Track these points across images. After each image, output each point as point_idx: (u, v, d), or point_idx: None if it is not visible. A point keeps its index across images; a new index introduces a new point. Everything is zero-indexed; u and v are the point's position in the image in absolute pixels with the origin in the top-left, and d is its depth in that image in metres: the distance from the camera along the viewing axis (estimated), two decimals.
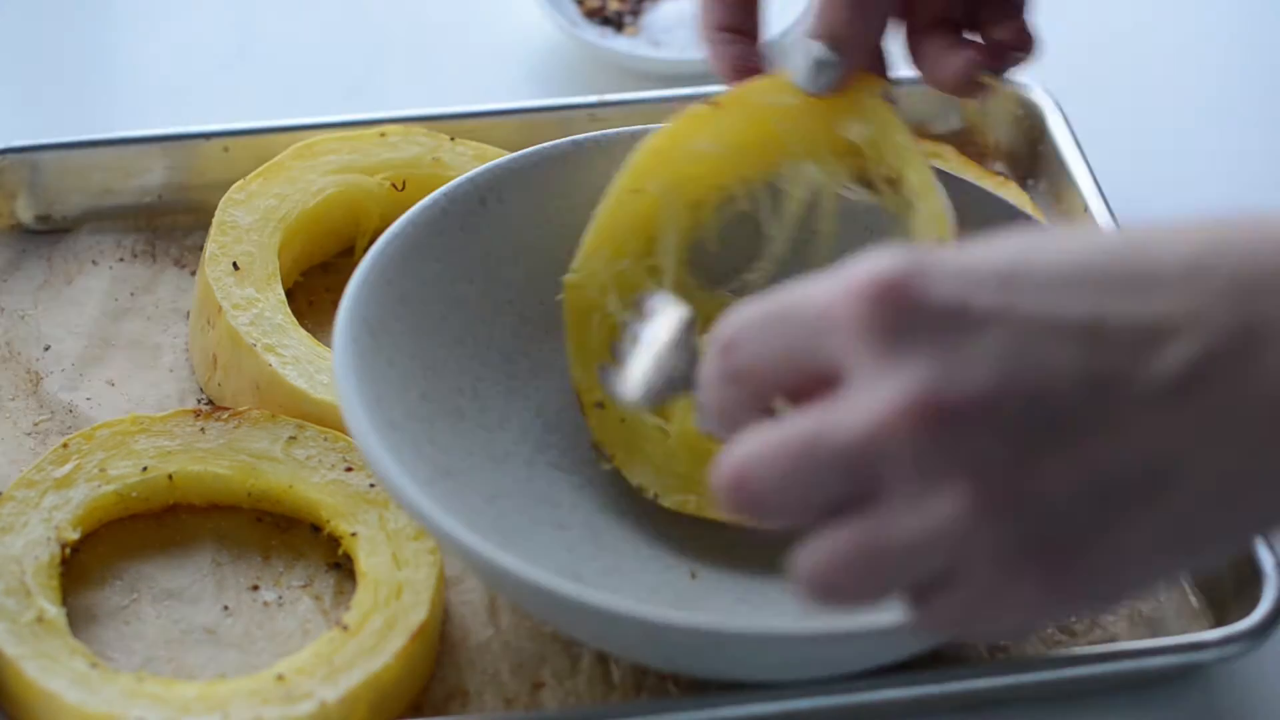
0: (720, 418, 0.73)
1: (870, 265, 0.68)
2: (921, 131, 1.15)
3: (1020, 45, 0.94)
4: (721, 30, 0.97)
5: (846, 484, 0.68)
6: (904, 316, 0.67)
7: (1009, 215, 0.96)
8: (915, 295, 0.67)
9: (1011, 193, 1.10)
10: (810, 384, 0.70)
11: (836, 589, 0.70)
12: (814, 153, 0.94)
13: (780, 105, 0.94)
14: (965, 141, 1.16)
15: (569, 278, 0.94)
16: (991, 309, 0.67)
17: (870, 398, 0.67)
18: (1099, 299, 0.67)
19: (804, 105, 0.93)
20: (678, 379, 0.82)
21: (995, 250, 0.69)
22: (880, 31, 0.93)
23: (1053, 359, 0.66)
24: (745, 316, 0.72)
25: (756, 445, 0.70)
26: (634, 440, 0.93)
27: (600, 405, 0.92)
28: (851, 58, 0.92)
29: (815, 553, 0.70)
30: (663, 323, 0.83)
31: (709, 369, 0.73)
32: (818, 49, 0.92)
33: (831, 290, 0.69)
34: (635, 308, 0.87)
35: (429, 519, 0.83)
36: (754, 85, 0.94)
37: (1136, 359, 0.66)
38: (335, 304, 0.94)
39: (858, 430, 0.67)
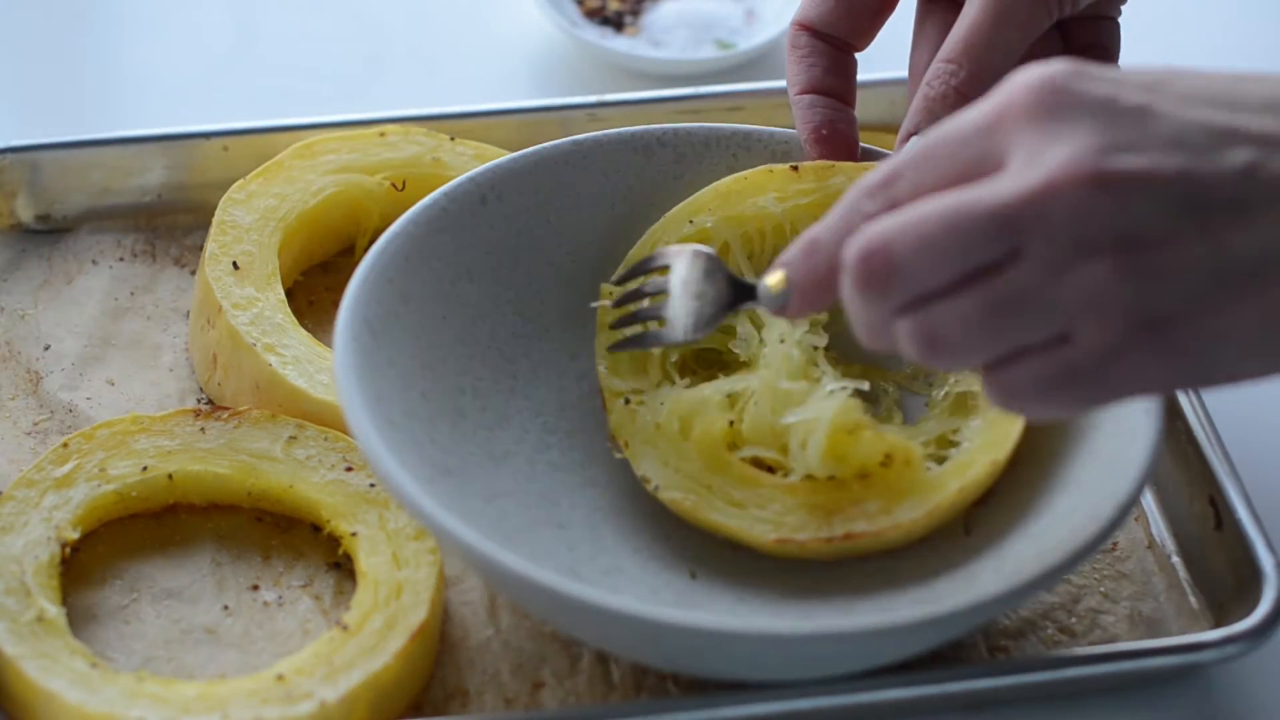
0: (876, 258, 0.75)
1: (1029, 70, 0.73)
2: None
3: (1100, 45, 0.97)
4: (810, 93, 0.97)
5: (991, 248, 0.72)
6: (1066, 100, 0.73)
7: None
8: (1076, 85, 0.73)
9: None
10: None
11: (945, 345, 0.73)
12: None
13: None
14: None
15: (607, 284, 0.95)
16: (1141, 104, 0.73)
17: (1031, 166, 0.72)
18: (1233, 114, 0.73)
19: None
20: (721, 303, 0.88)
21: (1137, 70, 0.75)
22: None
23: (1202, 146, 0.72)
24: (898, 156, 0.76)
25: (896, 217, 0.74)
26: (649, 435, 0.93)
27: (627, 401, 0.93)
28: None
29: (937, 308, 0.73)
30: (686, 264, 0.89)
31: (850, 208, 0.77)
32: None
33: (993, 99, 0.74)
34: (649, 271, 0.92)
35: (430, 518, 0.83)
36: (843, 166, 0.95)
37: (1269, 160, 0.72)
38: (335, 304, 0.94)
39: (1015, 192, 0.72)
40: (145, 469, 0.94)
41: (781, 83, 1.09)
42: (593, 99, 1.13)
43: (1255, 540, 0.92)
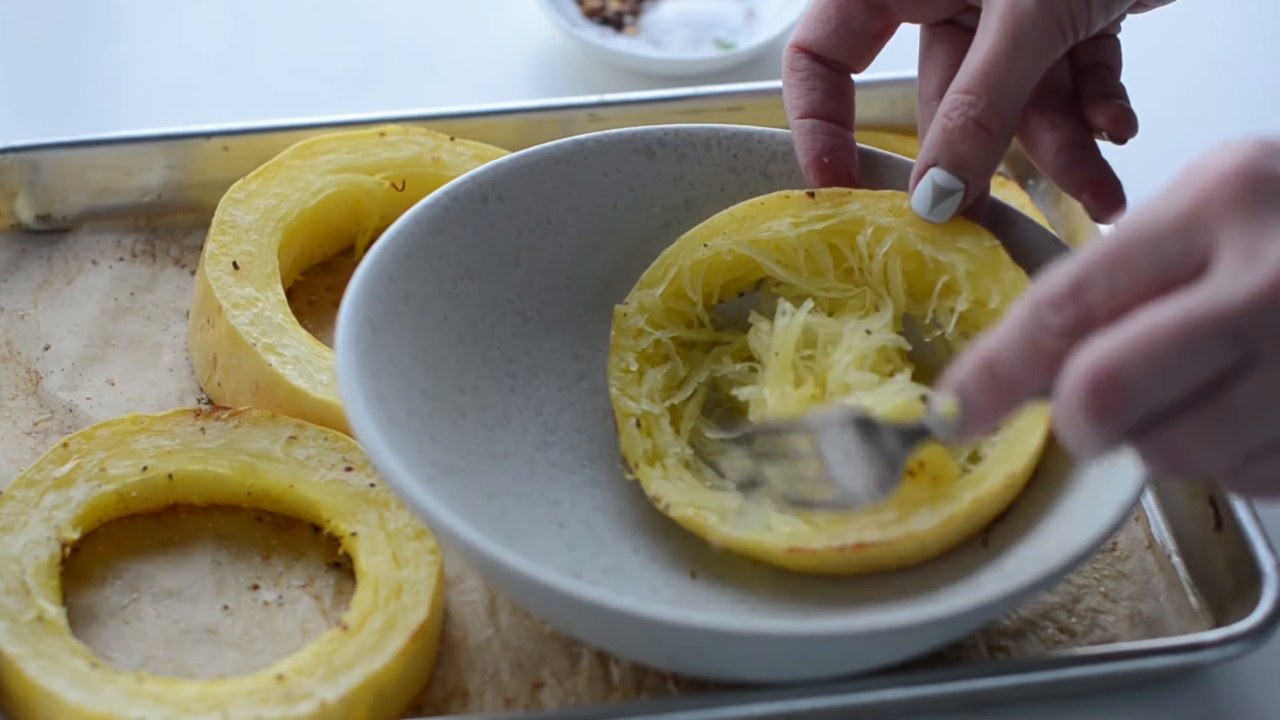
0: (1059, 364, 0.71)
1: (1219, 157, 0.69)
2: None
3: (1119, 129, 0.93)
4: (810, 118, 0.95)
5: (1224, 359, 0.67)
6: (1270, 189, 0.68)
7: (1007, 220, 0.96)
8: (1275, 168, 0.68)
9: (1011, 193, 1.10)
10: (1171, 290, 0.69)
11: (1188, 459, 0.69)
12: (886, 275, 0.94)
13: (871, 219, 0.94)
14: None
15: (621, 306, 0.95)
16: None
17: (1251, 265, 0.67)
18: None
19: (897, 226, 0.93)
20: (898, 458, 0.83)
21: None
22: (1002, 157, 0.91)
23: None
24: (1080, 263, 0.71)
25: (1119, 337, 0.69)
26: (659, 456, 0.93)
27: (638, 424, 0.93)
28: (975, 186, 0.90)
29: (1177, 430, 0.69)
30: (836, 427, 0.84)
31: (1035, 324, 0.71)
32: (941, 176, 0.90)
33: (1186, 192, 0.69)
34: (791, 433, 0.87)
35: (431, 516, 0.83)
36: (859, 193, 0.94)
37: None
38: (335, 303, 0.94)
39: (1242, 297, 0.67)
40: (145, 469, 0.94)
41: (781, 82, 1.09)
42: (593, 99, 1.13)
43: (1255, 540, 0.92)
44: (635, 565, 0.91)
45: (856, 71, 0.96)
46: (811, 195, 0.95)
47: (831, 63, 0.95)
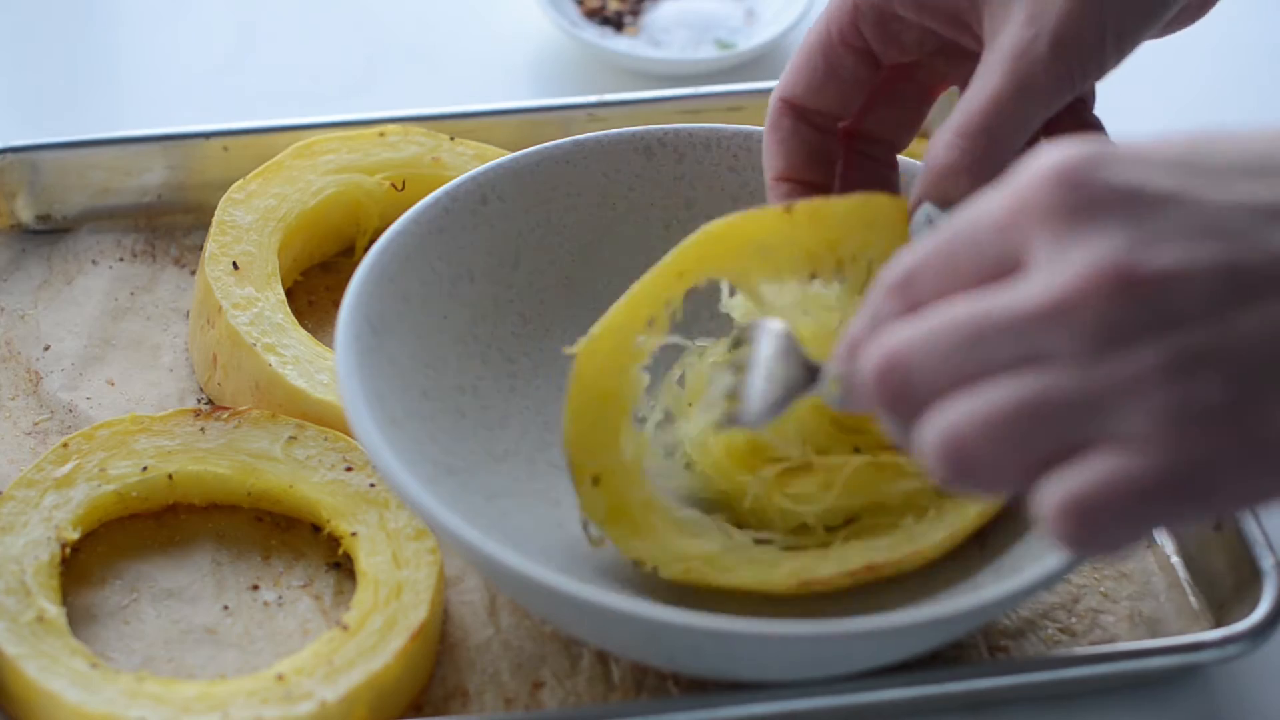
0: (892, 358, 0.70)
1: (1046, 157, 0.68)
2: (922, 131, 1.15)
3: None
4: (786, 181, 0.92)
5: (1013, 349, 0.67)
6: (1087, 195, 0.67)
7: None
8: (1097, 177, 0.67)
9: None
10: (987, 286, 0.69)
11: (972, 455, 0.67)
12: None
13: (851, 224, 0.90)
14: None
15: (578, 346, 0.90)
16: (1169, 190, 0.67)
17: (1055, 270, 0.66)
18: (1270, 185, 0.67)
19: (879, 233, 0.90)
20: (793, 386, 0.81)
21: (1162, 144, 0.69)
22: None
23: (1245, 229, 0.66)
24: (915, 252, 0.71)
25: (912, 327, 0.69)
26: (628, 515, 0.89)
27: (596, 482, 0.89)
28: None
29: (955, 413, 0.67)
30: (764, 341, 0.83)
31: (876, 311, 0.71)
32: (935, 212, 0.87)
33: (1009, 191, 0.69)
34: (726, 341, 0.86)
35: (432, 516, 0.83)
36: (838, 202, 0.89)
37: None
38: (335, 304, 0.94)
39: (1038, 299, 0.66)
40: (145, 469, 0.94)
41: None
42: (593, 99, 1.13)
43: (1255, 540, 0.92)
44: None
45: (846, 119, 0.92)
46: (788, 211, 0.89)
47: (819, 115, 0.92)
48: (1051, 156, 0.68)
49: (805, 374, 0.81)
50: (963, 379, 0.68)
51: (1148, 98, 1.24)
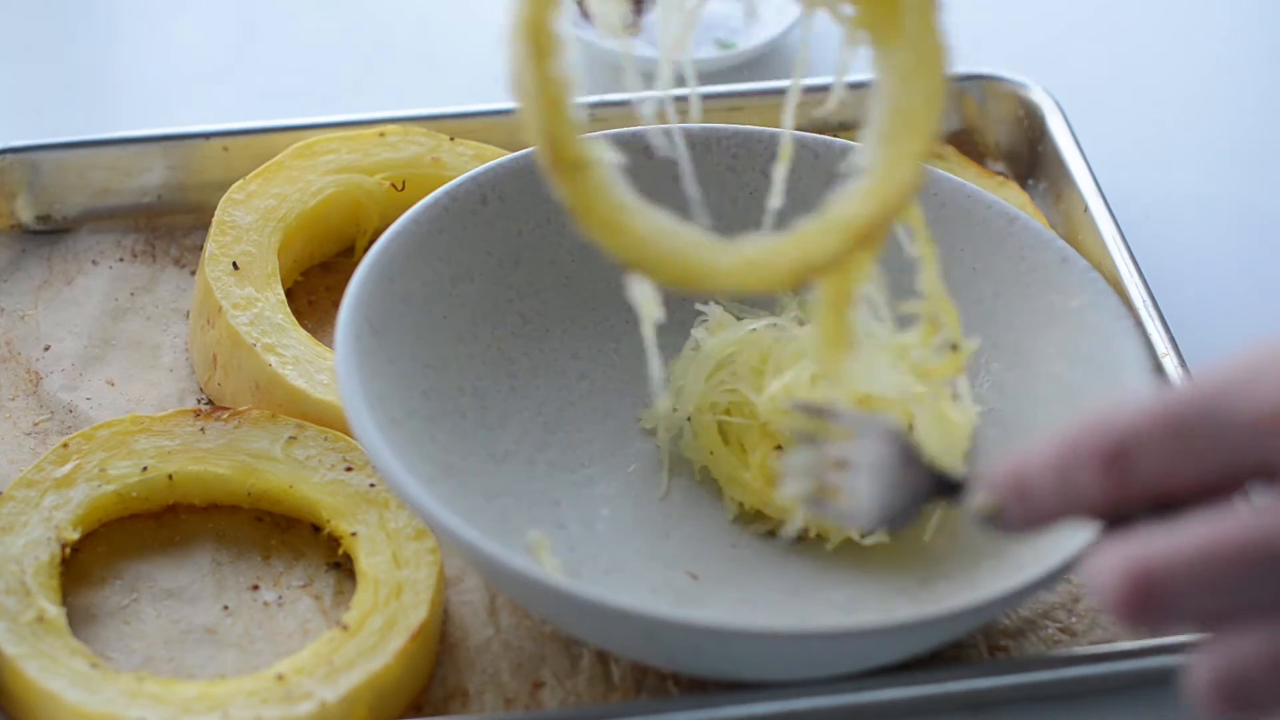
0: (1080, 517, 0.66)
1: None
2: None
3: None
4: None
5: None
6: None
7: (1007, 219, 0.96)
8: None
9: (1011, 193, 1.10)
10: (1218, 489, 0.64)
11: (1250, 698, 0.64)
12: None
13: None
14: (965, 141, 1.16)
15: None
16: None
17: None
18: None
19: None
20: (918, 498, 0.79)
21: None
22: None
23: None
24: (1134, 420, 0.65)
25: (1168, 543, 0.63)
26: (612, 218, 0.83)
27: (575, 169, 0.82)
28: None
29: (1238, 652, 0.64)
30: (878, 444, 0.80)
31: (1069, 469, 0.66)
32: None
33: (1269, 386, 0.63)
34: (818, 424, 0.82)
35: (432, 516, 0.83)
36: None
37: None
38: (335, 304, 0.94)
39: None
40: (145, 469, 0.94)
41: (781, 82, 1.09)
42: (593, 99, 1.13)
43: None
44: (635, 565, 0.91)
45: None
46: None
47: None
48: None
49: (933, 486, 0.78)
50: (1236, 611, 0.63)
51: (1149, 97, 1.25)
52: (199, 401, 1.01)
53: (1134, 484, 0.65)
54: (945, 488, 0.78)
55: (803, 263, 0.81)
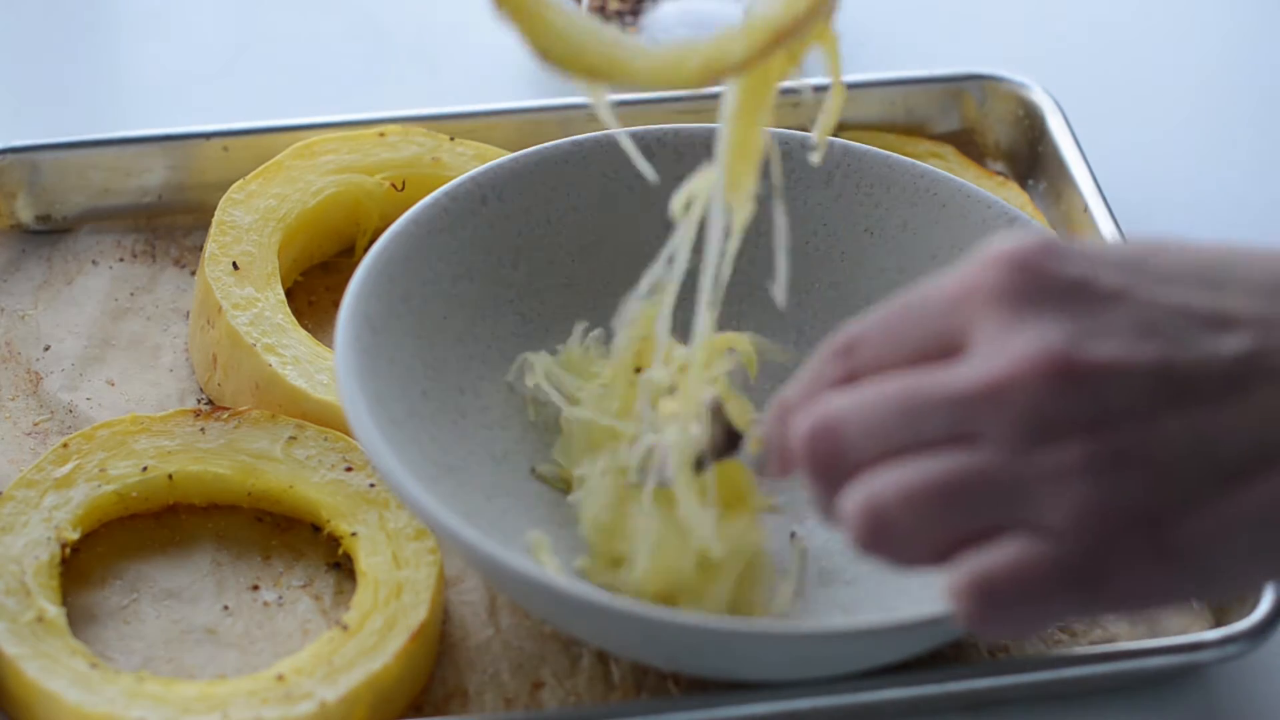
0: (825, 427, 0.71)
1: (1003, 243, 0.69)
2: (921, 131, 1.15)
3: None
4: None
5: (945, 426, 0.68)
6: (1035, 283, 0.68)
7: (1007, 220, 0.96)
8: (1047, 266, 0.68)
9: (1011, 193, 1.10)
10: (926, 362, 0.70)
11: (890, 525, 0.68)
12: None
13: None
14: (965, 141, 1.16)
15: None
16: (1116, 287, 0.68)
17: (994, 352, 0.67)
18: (1220, 294, 0.68)
19: None
20: (713, 449, 0.83)
21: (1119, 246, 0.71)
22: None
23: (1182, 332, 0.67)
24: (864, 321, 0.72)
25: (849, 395, 0.70)
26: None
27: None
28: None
29: (878, 483, 0.68)
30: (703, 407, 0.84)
31: (815, 374, 0.72)
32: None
33: (961, 272, 0.70)
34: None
35: (432, 516, 0.84)
36: None
37: (1258, 345, 0.67)
38: (335, 304, 0.94)
39: (974, 379, 0.67)
40: (145, 469, 0.94)
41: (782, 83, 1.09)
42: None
43: None
44: None
45: None
46: None
47: None
48: (1006, 243, 0.69)
49: (725, 438, 0.83)
50: (891, 451, 0.68)
51: (1149, 97, 1.25)
52: (199, 401, 1.01)
53: (859, 369, 0.71)
54: (735, 440, 0.82)
55: (715, 60, 0.82)
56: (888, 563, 0.69)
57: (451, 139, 1.08)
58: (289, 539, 0.95)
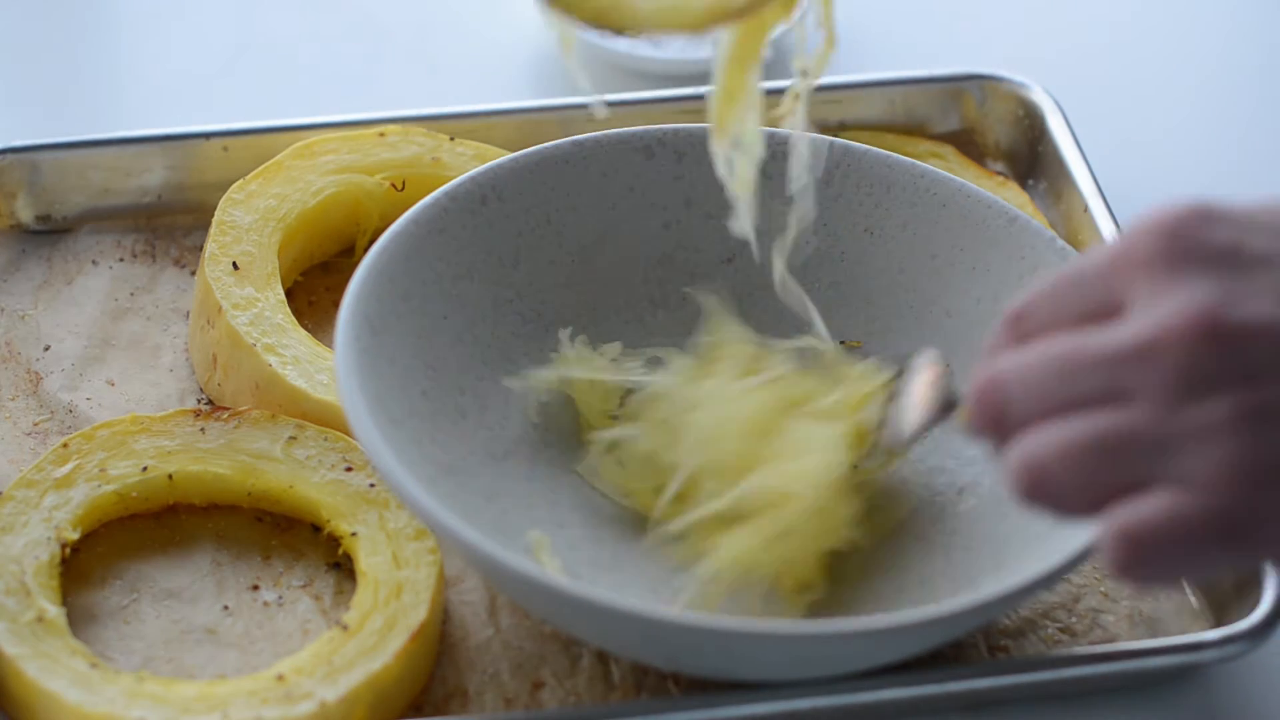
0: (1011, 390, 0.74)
1: (1157, 211, 0.72)
2: (922, 131, 1.15)
3: None
4: None
5: (1100, 384, 0.70)
6: (1186, 248, 0.71)
7: (1007, 219, 0.96)
8: (1199, 232, 0.71)
9: (1011, 193, 1.10)
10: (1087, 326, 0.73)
11: (1048, 479, 0.71)
12: None
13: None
14: (965, 141, 1.16)
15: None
16: (1265, 251, 0.71)
17: (1148, 313, 0.70)
18: None
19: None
20: (937, 413, 0.85)
21: (1267, 211, 0.73)
22: None
23: None
24: (1034, 290, 0.75)
25: (1014, 357, 0.73)
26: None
27: None
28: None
29: (1039, 439, 0.71)
30: (919, 373, 0.87)
31: (994, 341, 0.75)
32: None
33: (1119, 240, 0.73)
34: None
35: (432, 516, 0.84)
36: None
37: None
38: (335, 304, 0.94)
39: (1128, 339, 0.70)
40: (145, 469, 0.94)
41: (781, 83, 1.09)
42: (606, 99, 1.12)
43: None
44: (635, 565, 0.91)
45: None
46: None
47: None
48: (1161, 210, 0.72)
49: (946, 404, 0.85)
50: (1052, 408, 0.71)
51: (1149, 97, 1.25)
52: (199, 401, 1.01)
53: (1028, 335, 0.74)
54: (952, 407, 0.85)
55: (720, 4, 0.83)
56: (1047, 513, 0.72)
57: (451, 139, 1.08)
58: (289, 539, 0.95)
